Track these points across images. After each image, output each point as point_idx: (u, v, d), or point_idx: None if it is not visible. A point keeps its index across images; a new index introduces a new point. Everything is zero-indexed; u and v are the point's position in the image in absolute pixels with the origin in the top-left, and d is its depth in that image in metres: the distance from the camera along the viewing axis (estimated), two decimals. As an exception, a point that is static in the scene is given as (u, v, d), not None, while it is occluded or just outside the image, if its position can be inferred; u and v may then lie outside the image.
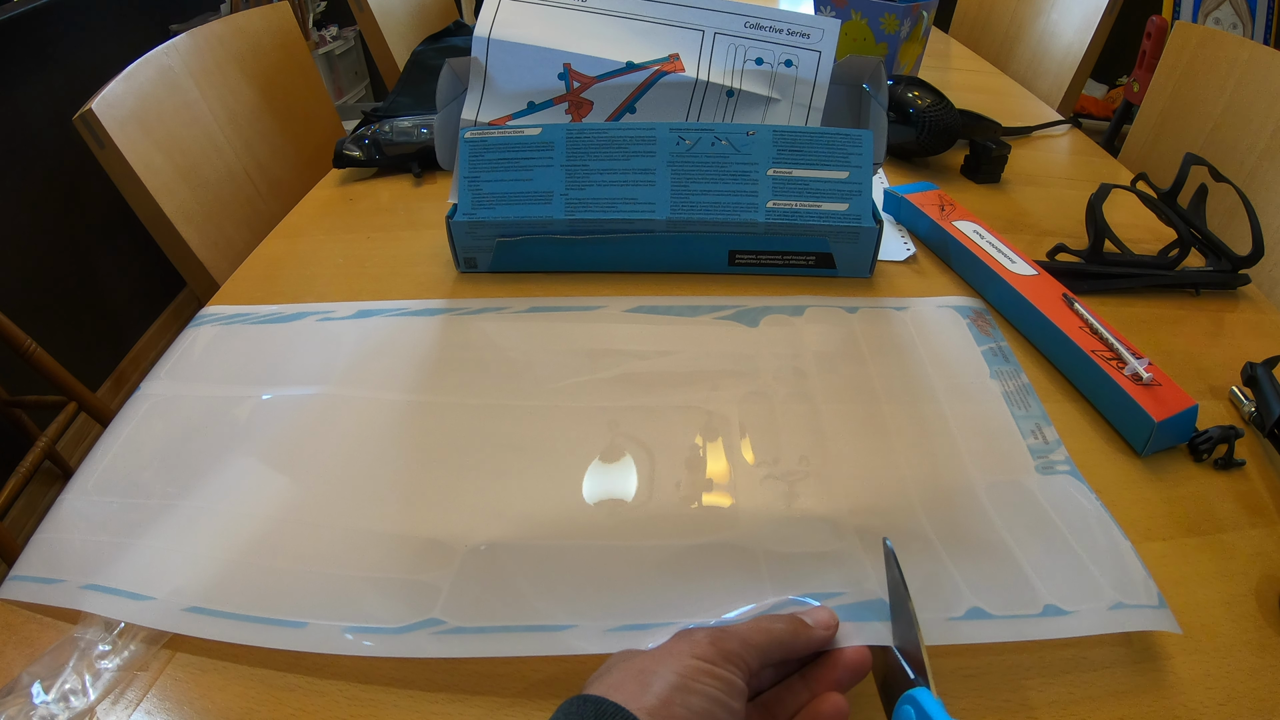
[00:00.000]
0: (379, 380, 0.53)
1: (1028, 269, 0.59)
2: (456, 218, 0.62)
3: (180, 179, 0.79)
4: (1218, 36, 0.88)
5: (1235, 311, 0.61)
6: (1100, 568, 0.38)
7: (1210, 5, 1.94)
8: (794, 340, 0.56)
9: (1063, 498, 0.43)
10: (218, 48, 0.90)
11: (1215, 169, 0.64)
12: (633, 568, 0.40)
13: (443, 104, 0.66)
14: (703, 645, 0.29)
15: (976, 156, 0.81)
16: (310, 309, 0.60)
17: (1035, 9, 1.32)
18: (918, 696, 0.29)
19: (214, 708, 0.35)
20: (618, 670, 0.29)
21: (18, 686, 0.35)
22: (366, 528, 0.42)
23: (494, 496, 0.44)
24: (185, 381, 0.54)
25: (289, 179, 0.98)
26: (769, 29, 0.64)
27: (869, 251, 0.62)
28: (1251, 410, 0.50)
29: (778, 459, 0.46)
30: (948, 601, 0.37)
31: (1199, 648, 0.37)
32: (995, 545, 0.40)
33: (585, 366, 0.53)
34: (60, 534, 0.43)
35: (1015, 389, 0.51)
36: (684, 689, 0.27)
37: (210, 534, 0.42)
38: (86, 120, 0.70)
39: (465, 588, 0.38)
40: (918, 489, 0.44)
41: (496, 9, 0.65)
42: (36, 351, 1.05)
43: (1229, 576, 0.40)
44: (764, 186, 0.61)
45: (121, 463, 0.47)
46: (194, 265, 0.78)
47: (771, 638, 0.31)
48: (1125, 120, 2.01)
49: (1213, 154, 0.83)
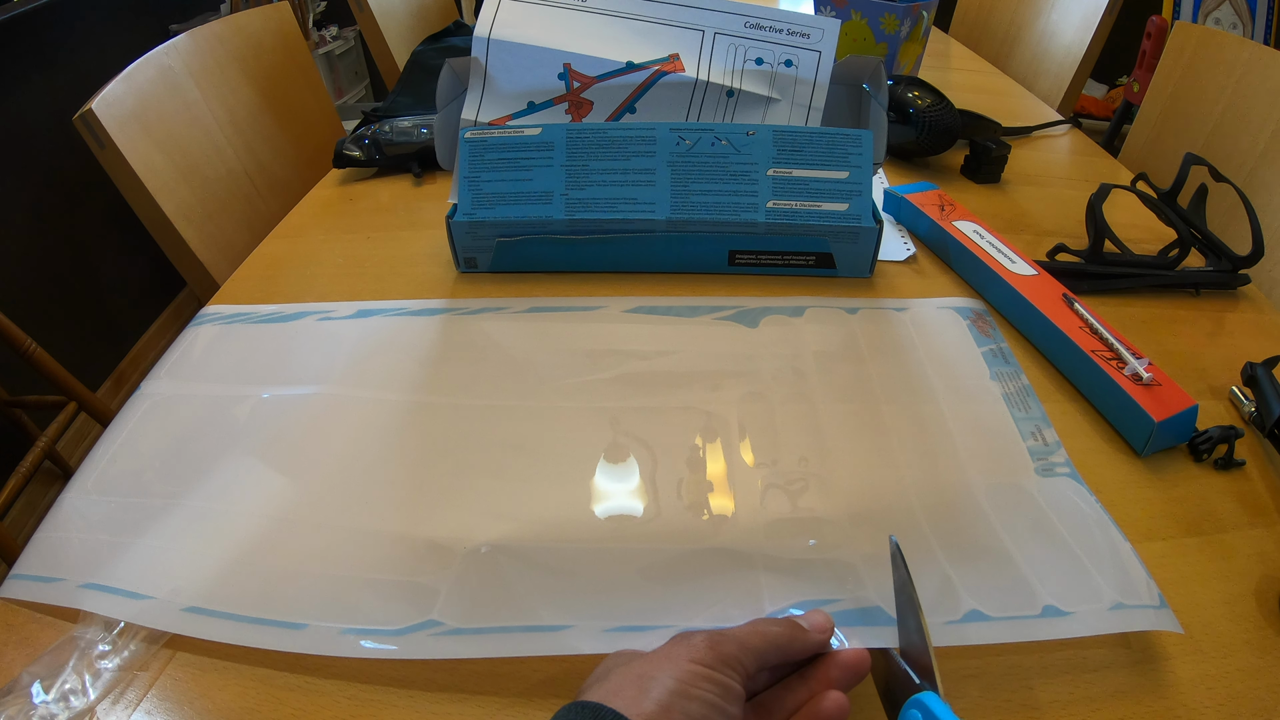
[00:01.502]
0: (379, 380, 0.53)
1: (1028, 269, 0.59)
2: (456, 218, 0.62)
3: (180, 179, 0.79)
4: (1218, 36, 0.88)
5: (1235, 311, 0.61)
6: (1100, 568, 0.38)
7: (1210, 5, 1.94)
8: (794, 341, 0.56)
9: (1062, 500, 0.43)
10: (218, 48, 0.90)
11: (1215, 169, 0.64)
12: (632, 569, 0.40)
13: (443, 104, 0.66)
14: (700, 649, 0.29)
15: (976, 156, 0.81)
16: (310, 309, 0.60)
17: (1035, 9, 1.32)
18: (926, 701, 0.28)
19: (214, 708, 0.35)
20: (616, 675, 0.29)
21: (18, 686, 0.35)
22: (366, 528, 0.42)
23: (493, 497, 0.44)
24: (185, 381, 0.54)
25: (289, 179, 0.98)
26: (769, 29, 0.64)
27: (869, 251, 0.62)
28: (1251, 410, 0.50)
29: (777, 460, 0.46)
30: (946, 604, 0.37)
31: (1199, 648, 0.37)
32: (994, 547, 0.40)
33: (585, 367, 0.53)
34: (60, 533, 0.43)
35: (1015, 390, 0.51)
36: (683, 695, 0.27)
37: (210, 533, 0.42)
38: (86, 120, 0.70)
39: (464, 589, 0.38)
40: (917, 490, 0.44)
41: (496, 9, 0.65)
42: (36, 351, 1.05)
43: (1229, 576, 0.40)
44: (764, 186, 0.61)
45: (121, 462, 0.47)
46: (194, 265, 0.78)
47: (768, 641, 0.31)
48: (1125, 120, 2.01)
49: (1213, 154, 0.83)
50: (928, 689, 0.29)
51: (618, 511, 0.43)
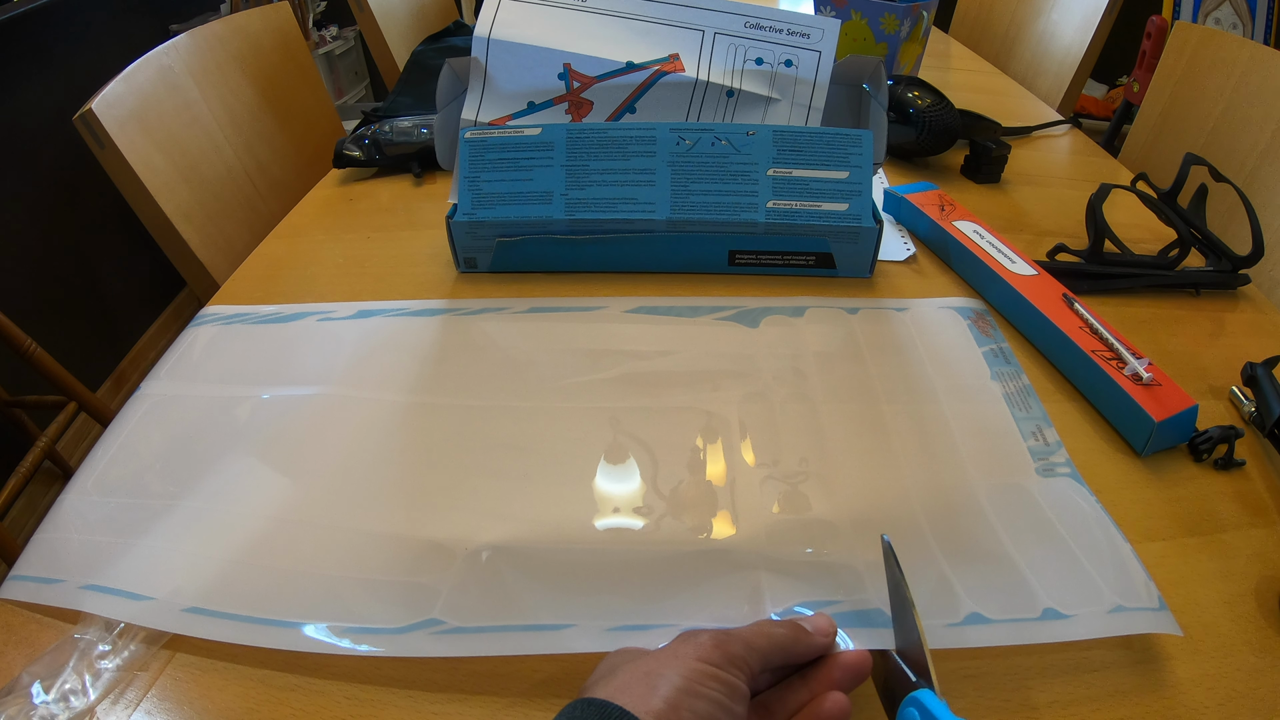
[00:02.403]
0: (379, 381, 0.53)
1: (1028, 269, 0.59)
2: (456, 218, 0.62)
3: (180, 179, 0.79)
4: (1218, 36, 0.88)
5: (1235, 311, 0.61)
6: (1100, 571, 0.38)
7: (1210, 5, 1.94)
8: (794, 341, 0.56)
9: (1063, 500, 0.43)
10: (218, 48, 0.90)
11: (1215, 169, 0.64)
12: (633, 569, 0.40)
13: (443, 104, 0.66)
14: (707, 648, 0.29)
15: (976, 156, 0.81)
16: (310, 309, 0.60)
17: (1035, 9, 1.32)
18: (922, 698, 0.29)
19: (214, 708, 0.35)
20: (623, 672, 0.29)
21: (18, 686, 0.35)
22: (366, 528, 0.42)
23: (493, 497, 0.44)
24: (185, 382, 0.54)
25: (289, 179, 0.98)
26: (769, 29, 0.64)
27: (869, 251, 0.62)
28: (1251, 410, 0.50)
29: (777, 460, 0.46)
30: (946, 607, 0.37)
31: (1199, 648, 0.37)
32: (995, 550, 0.40)
33: (585, 367, 0.53)
34: (60, 534, 0.43)
35: (1016, 390, 0.51)
36: (690, 692, 0.27)
37: (210, 534, 0.42)
38: (86, 120, 0.70)
39: (465, 588, 0.38)
40: (918, 492, 0.44)
41: (496, 9, 0.65)
42: (36, 351, 1.05)
43: (1229, 576, 0.40)
44: (764, 186, 0.61)
45: (121, 463, 0.47)
46: (194, 265, 0.78)
47: (773, 642, 0.31)
48: (1125, 120, 2.01)
49: (1213, 154, 0.83)
50: (924, 687, 0.30)
51: (618, 511, 0.43)
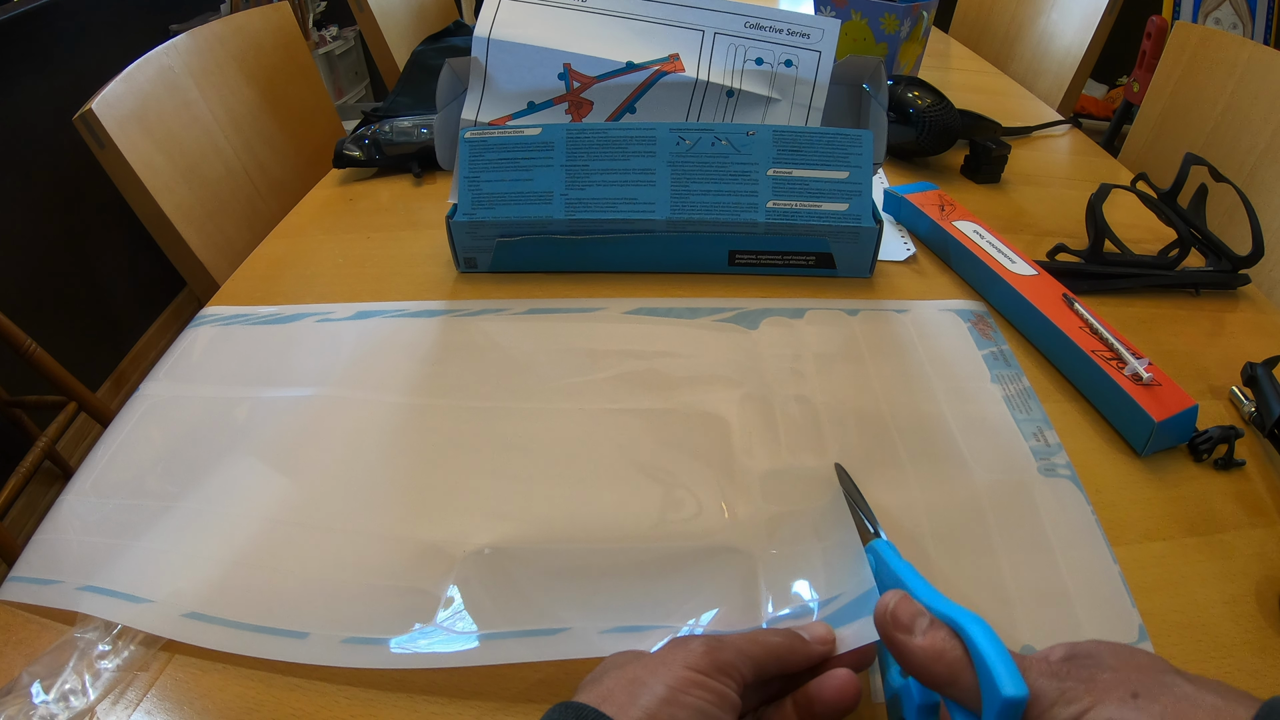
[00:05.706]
0: (378, 381, 0.53)
1: (1028, 269, 0.59)
2: (456, 218, 0.62)
3: (180, 179, 0.79)
4: (1218, 36, 0.88)
5: (1235, 311, 0.61)
6: (1084, 600, 0.38)
7: (1210, 5, 1.94)
8: (794, 342, 0.56)
9: (1059, 513, 0.43)
10: (218, 48, 0.90)
11: (1215, 169, 0.64)
12: (632, 569, 0.40)
13: (443, 104, 0.66)
14: (697, 655, 0.29)
15: (976, 156, 0.81)
16: (310, 310, 0.60)
17: (1035, 9, 1.32)
18: (877, 546, 0.35)
19: (214, 708, 0.35)
20: (609, 678, 0.29)
21: (18, 686, 0.35)
22: (365, 530, 0.42)
23: (494, 498, 0.44)
24: (185, 382, 0.54)
25: (289, 179, 0.98)
26: (769, 29, 0.64)
27: (869, 251, 0.62)
28: (1251, 410, 0.50)
29: (777, 461, 0.46)
30: None
31: (1199, 648, 0.37)
32: (989, 579, 0.40)
33: (585, 368, 0.53)
34: (59, 535, 0.43)
35: (1016, 393, 0.51)
36: (672, 701, 0.27)
37: (209, 536, 0.42)
38: (86, 120, 0.70)
39: (465, 592, 0.38)
40: (918, 491, 0.44)
41: (496, 9, 0.65)
42: (36, 351, 1.05)
43: (1229, 576, 0.40)
44: (764, 186, 0.61)
45: (121, 464, 0.47)
46: (194, 265, 0.78)
47: (767, 650, 0.31)
48: (1125, 120, 2.01)
49: (1213, 154, 0.83)
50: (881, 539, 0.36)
51: (617, 512, 0.43)
